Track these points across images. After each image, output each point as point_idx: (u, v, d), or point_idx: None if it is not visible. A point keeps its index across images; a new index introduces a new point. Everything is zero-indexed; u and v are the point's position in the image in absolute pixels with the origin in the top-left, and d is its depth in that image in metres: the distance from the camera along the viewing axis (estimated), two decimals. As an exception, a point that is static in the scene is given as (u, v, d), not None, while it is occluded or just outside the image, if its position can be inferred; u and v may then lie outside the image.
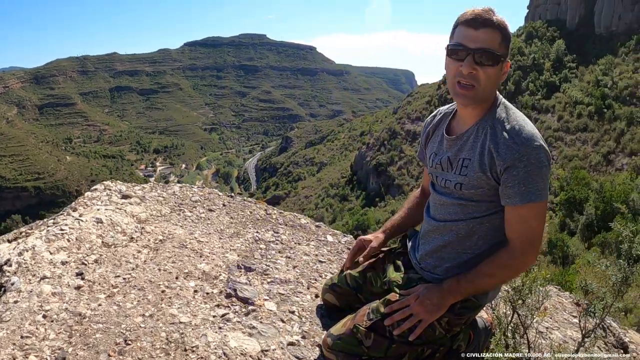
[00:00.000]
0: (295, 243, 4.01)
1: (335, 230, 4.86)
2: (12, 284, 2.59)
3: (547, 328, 3.53)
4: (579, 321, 2.74)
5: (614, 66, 65.61)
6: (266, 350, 2.36)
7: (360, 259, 2.72)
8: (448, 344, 2.29)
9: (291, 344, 2.46)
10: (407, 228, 2.74)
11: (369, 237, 2.81)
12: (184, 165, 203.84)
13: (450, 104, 2.49)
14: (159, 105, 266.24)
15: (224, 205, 4.70)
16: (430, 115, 2.62)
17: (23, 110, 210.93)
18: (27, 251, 2.89)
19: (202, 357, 2.23)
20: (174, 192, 4.80)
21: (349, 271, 2.72)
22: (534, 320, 2.71)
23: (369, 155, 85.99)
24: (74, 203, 4.04)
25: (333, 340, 2.28)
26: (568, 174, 43.96)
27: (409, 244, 2.60)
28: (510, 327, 2.68)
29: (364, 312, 2.30)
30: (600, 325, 3.24)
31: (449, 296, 2.18)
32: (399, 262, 2.56)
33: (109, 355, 2.19)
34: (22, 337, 2.21)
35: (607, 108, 59.90)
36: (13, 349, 2.14)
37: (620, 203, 21.88)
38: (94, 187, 4.56)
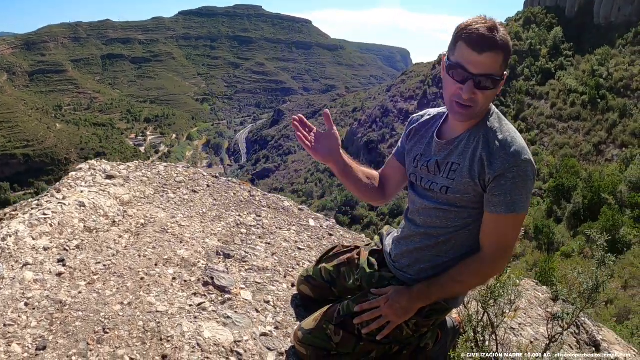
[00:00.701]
0: (276, 228, 4.08)
1: (318, 215, 4.94)
2: (-5, 270, 2.67)
3: (519, 324, 3.63)
4: (547, 327, 2.84)
5: (611, 57, 65.52)
6: (239, 341, 2.45)
7: (307, 140, 2.56)
8: (415, 343, 2.38)
9: (264, 334, 2.55)
10: (354, 179, 2.66)
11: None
12: (174, 135, 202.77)
13: (441, 108, 2.50)
14: (151, 74, 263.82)
15: (208, 186, 4.74)
16: (418, 114, 2.62)
17: (13, 77, 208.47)
18: (10, 236, 2.95)
19: (176, 347, 2.32)
20: (158, 172, 4.82)
21: (324, 265, 2.78)
22: (503, 321, 2.81)
23: (361, 132, 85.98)
24: (58, 184, 4.08)
25: (304, 334, 2.37)
26: (558, 161, 44.14)
27: (385, 242, 2.65)
28: (479, 327, 2.78)
29: (334, 308, 2.38)
30: (574, 323, 3.36)
31: (418, 301, 2.26)
32: (373, 260, 2.62)
33: (88, 344, 2.27)
34: (4, 325, 2.29)
35: (601, 99, 59.98)
36: (-5, 337, 2.22)
37: (607, 194, 22.07)
38: (79, 166, 4.58)
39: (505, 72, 2.11)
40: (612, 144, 54.16)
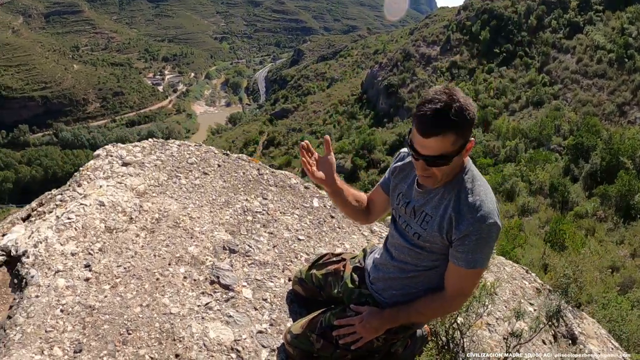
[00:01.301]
0: (280, 213, 4.52)
1: (323, 192, 5.36)
2: (32, 277, 3.18)
3: (497, 319, 4.06)
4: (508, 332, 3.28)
5: (642, 16, 63.38)
6: (238, 340, 2.96)
7: (309, 165, 2.88)
8: (386, 349, 2.85)
9: (260, 332, 3.06)
10: (343, 201, 3.00)
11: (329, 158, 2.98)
12: (192, 74, 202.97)
13: None
14: (169, 12, 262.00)
15: (218, 165, 5.15)
16: (404, 151, 2.86)
17: (29, 19, 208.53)
18: (41, 243, 3.45)
19: (187, 347, 2.83)
20: (172, 153, 5.23)
21: (314, 271, 3.23)
22: (469, 330, 3.30)
23: (381, 75, 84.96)
24: (78, 176, 4.53)
25: (291, 338, 2.86)
26: (579, 118, 43.44)
27: (367, 261, 3.06)
28: (450, 329, 3.28)
29: (317, 319, 2.85)
30: (555, 316, 3.80)
31: (387, 323, 2.68)
32: (355, 276, 3.04)
33: (115, 345, 2.78)
34: (46, 331, 2.81)
35: (629, 58, 58.11)
36: (40, 343, 2.74)
37: (626, 158, 21.89)
38: (96, 152, 5.02)
39: (469, 140, 2.30)
40: (636, 106, 52.81)
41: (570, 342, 4.38)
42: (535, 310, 4.39)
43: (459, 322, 3.31)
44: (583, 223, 16.45)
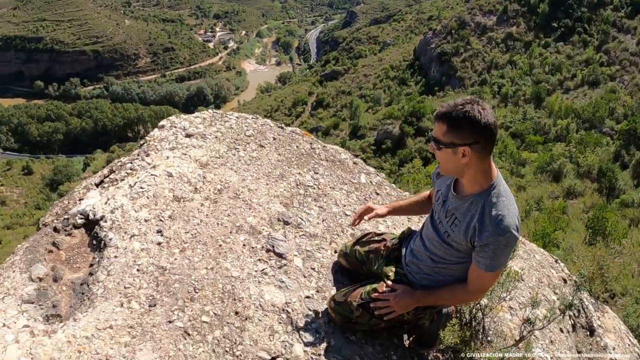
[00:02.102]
0: (330, 188, 4.96)
1: (370, 168, 5.76)
2: (110, 240, 3.73)
3: (520, 304, 4.45)
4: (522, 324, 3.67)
5: None
6: (289, 303, 3.46)
7: (365, 218, 3.61)
8: (414, 321, 3.31)
9: (307, 297, 3.55)
10: (407, 213, 3.66)
11: (375, 206, 3.66)
12: (243, 32, 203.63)
13: None
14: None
15: (274, 139, 5.60)
16: None
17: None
18: (117, 209, 4.00)
19: (245, 306, 3.34)
20: (230, 125, 5.69)
21: (358, 247, 3.69)
22: (491, 312, 3.73)
23: (434, 42, 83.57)
24: (145, 146, 5.07)
25: (334, 304, 3.35)
26: (635, 103, 42.14)
27: (404, 244, 3.50)
28: (474, 309, 3.71)
29: (358, 292, 3.30)
30: (571, 307, 4.18)
31: (416, 302, 3.13)
32: (393, 256, 3.48)
33: (184, 302, 3.31)
34: (125, 287, 3.35)
35: None
36: (120, 297, 3.28)
37: None
38: (161, 123, 5.53)
39: (459, 147, 2.68)
40: (696, 95, 50.93)
41: (588, 333, 4.74)
42: (558, 299, 4.75)
43: (482, 303, 3.73)
44: (628, 212, 16.08)
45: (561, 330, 4.52)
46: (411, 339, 3.61)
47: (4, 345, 2.92)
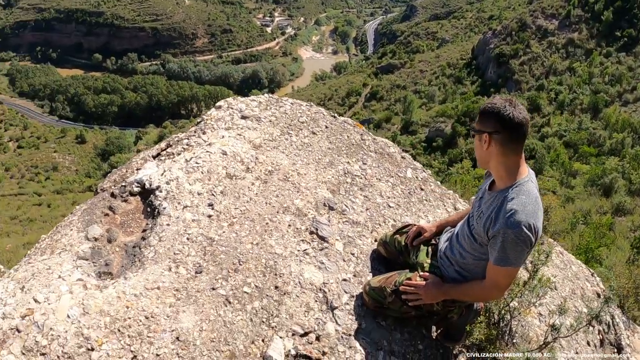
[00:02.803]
0: (376, 179, 5.13)
1: (417, 164, 5.89)
2: (164, 209, 3.99)
3: (550, 311, 4.55)
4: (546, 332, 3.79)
5: None
6: (326, 283, 3.66)
7: (415, 242, 3.79)
8: (444, 314, 3.47)
9: (344, 280, 3.75)
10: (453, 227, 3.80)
11: (425, 226, 3.81)
12: (302, 19, 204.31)
13: None
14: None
15: (326, 127, 5.78)
16: None
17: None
18: (173, 181, 4.25)
19: (285, 282, 3.56)
20: (285, 110, 5.89)
21: (397, 237, 3.88)
22: (519, 315, 3.85)
23: (493, 43, 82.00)
24: (202, 124, 5.33)
25: (369, 289, 3.54)
26: None
27: (441, 239, 3.66)
28: (503, 310, 3.83)
29: (393, 279, 3.47)
30: (607, 322, 4.25)
31: (442, 295, 3.29)
32: (429, 249, 3.66)
33: (229, 272, 3.54)
34: (174, 253, 3.61)
35: None
36: (169, 262, 3.54)
37: None
38: (219, 104, 5.79)
39: (484, 133, 2.96)
40: None
41: (615, 350, 4.80)
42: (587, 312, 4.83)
43: (511, 305, 3.85)
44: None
45: (588, 344, 4.62)
46: (439, 331, 3.77)
47: (58, 295, 3.21)
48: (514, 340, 4.05)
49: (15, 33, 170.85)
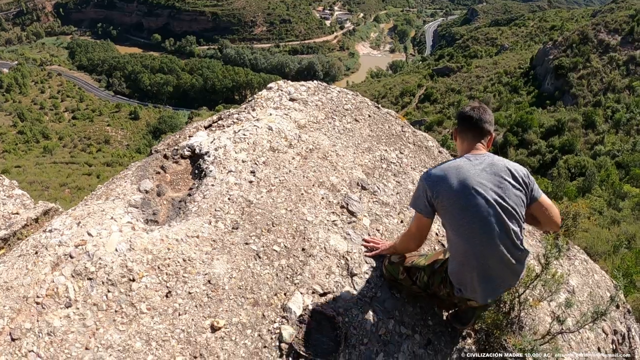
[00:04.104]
0: (411, 168, 5.44)
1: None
2: (210, 172, 4.41)
3: (563, 312, 4.70)
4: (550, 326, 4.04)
5: None
6: (349, 252, 4.01)
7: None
8: (408, 282, 3.80)
9: (367, 251, 4.09)
10: None
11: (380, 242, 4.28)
12: (361, 14, 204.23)
13: None
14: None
15: (369, 116, 6.11)
16: None
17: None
18: (220, 148, 4.66)
19: (312, 246, 3.93)
20: (331, 97, 6.24)
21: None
22: (529, 307, 4.12)
23: (553, 54, 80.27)
24: (252, 102, 5.74)
25: (388, 263, 3.88)
26: None
27: None
28: (515, 302, 4.10)
29: (411, 258, 3.80)
30: (622, 334, 4.44)
31: (393, 248, 3.91)
32: None
33: (262, 231, 3.92)
34: (215, 210, 4.01)
35: None
36: (209, 217, 3.95)
37: None
38: (270, 85, 6.19)
39: (455, 127, 3.67)
40: None
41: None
42: (606, 321, 5.02)
43: (521, 298, 4.11)
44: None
45: (599, 350, 4.80)
46: (450, 312, 4.07)
47: (109, 232, 3.66)
48: (522, 332, 4.27)
49: (77, 9, 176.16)
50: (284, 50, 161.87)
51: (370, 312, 3.73)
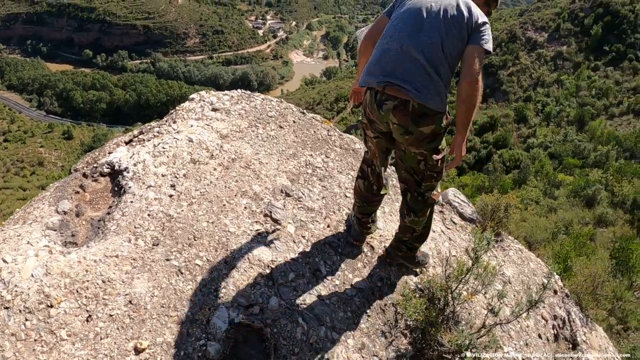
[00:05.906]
0: (337, 172, 5.40)
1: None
2: (129, 188, 4.27)
3: (500, 303, 4.76)
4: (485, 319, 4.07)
5: None
6: (274, 261, 3.93)
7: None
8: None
9: (293, 259, 4.03)
10: None
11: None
12: (294, 23, 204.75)
13: None
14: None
15: (294, 122, 6.07)
16: None
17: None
18: (140, 163, 4.53)
19: (235, 258, 3.84)
20: (255, 105, 6.17)
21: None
22: (464, 302, 4.13)
23: None
24: (174, 114, 5.61)
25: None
26: None
27: None
28: (443, 300, 4.10)
29: None
30: (562, 318, 4.48)
31: None
32: None
33: (183, 246, 3.81)
34: (135, 227, 3.88)
35: None
36: (129, 234, 3.81)
37: None
38: (191, 96, 6.08)
39: None
40: None
41: (570, 346, 5.03)
42: (545, 307, 5.08)
43: (454, 293, 4.10)
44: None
45: (539, 336, 4.83)
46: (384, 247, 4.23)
47: (25, 257, 3.50)
48: (458, 327, 4.26)
49: (5, 25, 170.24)
50: (218, 62, 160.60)
51: (300, 321, 3.65)
